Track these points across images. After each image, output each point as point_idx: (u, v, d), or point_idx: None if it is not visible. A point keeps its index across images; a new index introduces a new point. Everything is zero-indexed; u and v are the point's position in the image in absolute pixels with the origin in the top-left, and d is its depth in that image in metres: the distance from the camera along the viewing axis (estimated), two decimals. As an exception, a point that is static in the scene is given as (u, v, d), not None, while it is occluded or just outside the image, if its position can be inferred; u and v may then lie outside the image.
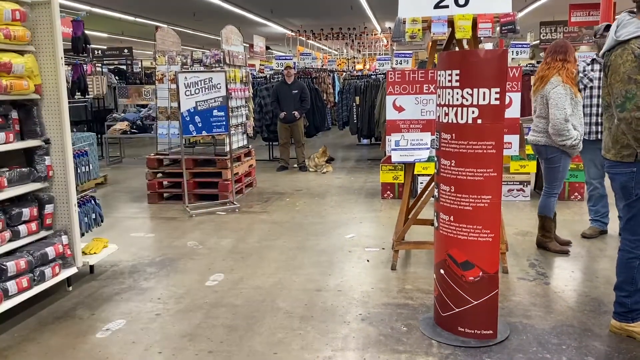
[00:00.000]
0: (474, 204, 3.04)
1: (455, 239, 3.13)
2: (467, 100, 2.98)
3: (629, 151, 2.94)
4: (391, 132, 4.36)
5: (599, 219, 5.12)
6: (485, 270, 3.08)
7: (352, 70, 18.40)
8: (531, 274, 4.19)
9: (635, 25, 2.84)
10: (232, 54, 7.49)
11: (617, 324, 3.16)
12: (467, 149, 3.01)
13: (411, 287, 3.99)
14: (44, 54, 3.82)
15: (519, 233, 5.27)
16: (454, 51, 4.02)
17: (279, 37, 21.36)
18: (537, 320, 3.41)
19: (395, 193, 6.94)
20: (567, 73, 4.31)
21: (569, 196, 6.55)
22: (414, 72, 4.33)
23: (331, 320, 3.48)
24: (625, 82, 2.82)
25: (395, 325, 3.38)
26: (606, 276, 4.12)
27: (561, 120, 4.25)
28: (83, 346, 3.22)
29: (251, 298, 3.86)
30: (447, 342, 3.13)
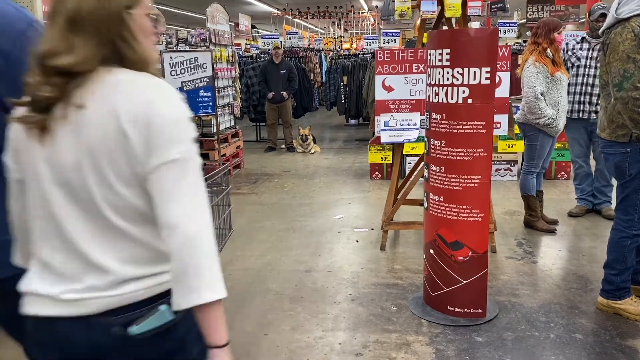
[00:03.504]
0: (464, 184, 3.04)
1: (444, 219, 3.13)
2: (457, 79, 2.96)
3: (624, 131, 2.93)
4: (380, 112, 4.33)
5: (585, 198, 5.17)
6: (474, 250, 3.09)
7: (339, 50, 18.25)
8: (519, 253, 4.23)
9: (636, 3, 2.79)
10: (218, 33, 7.37)
11: (605, 302, 3.20)
12: (457, 129, 3.00)
13: (400, 267, 4.01)
14: (24, 33, 3.71)
15: (506, 212, 5.31)
16: (444, 30, 3.98)
17: (265, 16, 21.09)
18: (525, 299, 3.44)
19: (384, 173, 6.94)
20: (540, 51, 4.32)
21: (556, 175, 6.60)
22: (403, 51, 4.29)
23: (321, 300, 3.49)
24: (624, 61, 2.80)
25: (385, 305, 3.40)
26: (592, 254, 4.17)
27: (532, 98, 4.28)
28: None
29: (241, 279, 3.85)
30: (436, 321, 3.16)
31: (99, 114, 1.13)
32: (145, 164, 1.13)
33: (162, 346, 1.23)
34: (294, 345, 2.96)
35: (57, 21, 1.13)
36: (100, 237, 1.18)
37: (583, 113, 4.84)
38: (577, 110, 4.86)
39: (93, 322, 1.18)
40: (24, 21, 1.50)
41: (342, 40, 21.60)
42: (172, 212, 1.12)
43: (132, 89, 1.15)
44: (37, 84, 1.12)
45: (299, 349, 2.92)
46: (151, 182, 1.14)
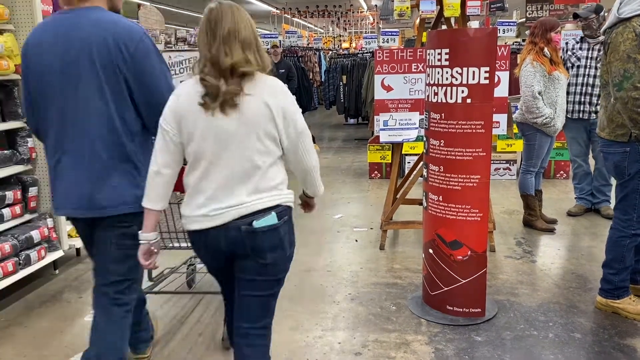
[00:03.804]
0: (463, 184, 3.04)
1: (444, 219, 3.14)
2: (456, 79, 2.96)
3: (623, 130, 2.94)
4: (379, 111, 4.33)
5: (584, 197, 5.18)
6: (473, 249, 3.10)
7: (338, 49, 18.23)
8: (518, 252, 4.24)
9: (638, 3, 2.79)
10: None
11: (603, 301, 3.21)
12: (456, 129, 3.00)
13: (400, 267, 4.01)
14: (23, 33, 3.72)
15: (505, 212, 5.31)
16: (443, 30, 3.99)
17: (264, 15, 21.07)
18: (524, 298, 3.45)
19: (383, 173, 6.95)
20: (537, 50, 4.32)
21: (555, 174, 6.61)
22: (402, 50, 4.29)
23: (321, 300, 3.49)
24: (625, 61, 2.80)
25: (385, 305, 3.40)
26: (591, 253, 4.17)
27: (529, 97, 4.29)
28: (71, 329, 3.20)
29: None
30: (435, 321, 3.16)
31: (256, 100, 1.85)
32: (284, 132, 1.90)
33: (270, 239, 1.93)
34: (293, 345, 2.96)
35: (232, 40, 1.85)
36: (243, 175, 1.88)
37: (583, 113, 4.84)
38: (577, 111, 4.86)
39: (229, 226, 1.90)
40: (140, 31, 2.11)
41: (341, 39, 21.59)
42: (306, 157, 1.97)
43: (273, 85, 1.91)
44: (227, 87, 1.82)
45: (298, 349, 2.92)
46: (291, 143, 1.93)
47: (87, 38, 2.03)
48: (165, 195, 1.98)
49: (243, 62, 1.84)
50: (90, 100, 2.06)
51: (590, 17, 4.70)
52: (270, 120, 1.88)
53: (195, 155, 1.90)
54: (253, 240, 1.91)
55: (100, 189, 2.09)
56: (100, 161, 2.08)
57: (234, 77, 1.84)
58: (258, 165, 1.89)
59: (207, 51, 1.86)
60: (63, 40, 2.05)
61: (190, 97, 1.88)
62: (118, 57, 2.03)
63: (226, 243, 1.93)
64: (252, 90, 1.85)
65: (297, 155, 1.96)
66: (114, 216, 2.12)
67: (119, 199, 2.11)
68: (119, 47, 2.03)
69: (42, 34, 2.11)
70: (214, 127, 1.86)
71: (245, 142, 1.87)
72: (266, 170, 1.92)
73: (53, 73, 2.07)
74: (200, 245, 1.99)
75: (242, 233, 1.90)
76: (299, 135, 1.93)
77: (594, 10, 4.70)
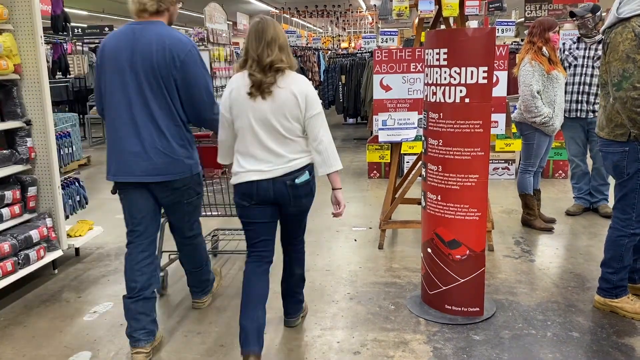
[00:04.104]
0: (461, 183, 3.05)
1: (442, 218, 3.14)
2: (454, 79, 2.97)
3: (622, 130, 2.95)
4: (378, 111, 4.34)
5: (583, 196, 5.19)
6: (472, 248, 3.10)
7: (337, 49, 18.24)
8: (516, 252, 4.24)
9: (637, 3, 2.79)
10: (216, 32, 7.37)
11: (601, 300, 3.22)
12: (454, 129, 3.01)
13: (398, 266, 4.02)
14: (22, 33, 3.72)
15: (504, 211, 5.32)
16: (441, 29, 3.99)
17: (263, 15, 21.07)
18: (522, 297, 3.46)
19: (382, 172, 6.96)
20: (535, 50, 4.33)
21: (553, 174, 6.62)
22: (400, 50, 4.30)
23: (319, 299, 3.50)
24: (624, 61, 2.80)
25: (383, 304, 3.41)
26: (590, 253, 4.18)
27: (528, 96, 4.30)
28: (70, 329, 3.20)
29: (240, 279, 3.85)
30: (434, 320, 3.17)
31: (285, 91, 2.54)
32: (306, 114, 2.57)
33: (305, 190, 2.67)
34: (292, 344, 2.96)
35: (272, 46, 2.52)
36: (279, 143, 2.58)
37: (581, 112, 4.85)
38: (574, 110, 4.87)
39: (276, 180, 2.59)
40: (189, 44, 2.74)
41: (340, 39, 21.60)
42: (320, 134, 2.61)
43: (299, 80, 2.60)
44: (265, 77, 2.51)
45: (297, 348, 2.93)
46: (310, 121, 2.59)
47: (150, 46, 2.66)
48: (230, 155, 2.77)
49: (278, 61, 2.52)
50: (154, 94, 2.69)
51: (586, 16, 4.71)
52: (296, 106, 2.56)
53: (242, 129, 2.61)
54: (295, 191, 2.64)
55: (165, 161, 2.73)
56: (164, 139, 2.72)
57: (271, 72, 2.52)
58: (287, 137, 2.59)
59: (254, 52, 2.53)
60: (132, 45, 2.68)
61: (239, 89, 2.59)
62: (171, 62, 2.66)
63: (273, 192, 2.62)
64: (283, 83, 2.54)
65: (314, 130, 2.61)
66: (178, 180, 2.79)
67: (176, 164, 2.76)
68: (173, 55, 2.66)
69: (116, 39, 2.74)
70: (255, 109, 2.56)
71: (275, 120, 2.56)
72: (295, 139, 2.61)
73: (122, 70, 2.68)
74: (251, 192, 2.63)
75: (287, 186, 2.61)
76: (317, 115, 2.61)
77: (590, 10, 4.71)
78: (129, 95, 2.68)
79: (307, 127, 2.61)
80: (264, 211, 2.68)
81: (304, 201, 2.71)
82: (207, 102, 2.76)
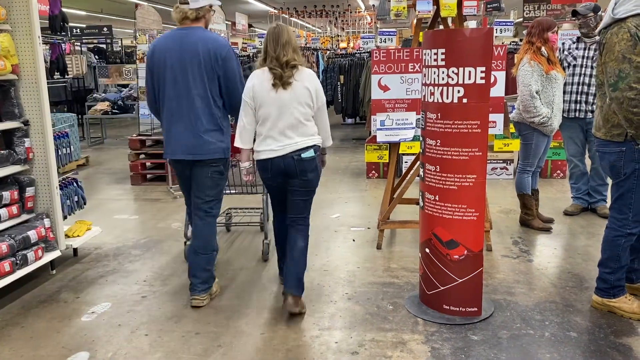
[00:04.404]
0: (459, 184, 3.05)
1: (440, 218, 3.14)
2: (452, 79, 2.97)
3: (619, 130, 2.95)
4: (376, 111, 4.34)
5: (581, 197, 5.19)
6: (470, 248, 3.11)
7: (336, 49, 18.24)
8: (514, 252, 4.25)
9: (633, 3, 2.80)
10: (214, 32, 7.36)
11: (599, 300, 3.22)
12: (452, 129, 3.01)
13: (396, 266, 4.02)
14: (20, 33, 3.72)
15: (502, 211, 5.33)
16: (439, 30, 3.99)
17: (262, 15, 21.06)
18: (520, 297, 3.46)
19: (380, 172, 6.96)
20: (534, 50, 4.34)
21: (552, 174, 6.63)
22: (399, 51, 4.30)
23: (317, 299, 3.50)
24: (620, 61, 2.80)
25: (381, 304, 3.41)
26: (588, 253, 4.19)
27: (527, 96, 4.30)
28: (68, 330, 3.20)
29: (238, 278, 3.86)
30: (432, 320, 3.17)
31: (301, 84, 3.13)
32: (316, 104, 3.20)
33: (310, 164, 3.19)
34: (290, 344, 2.96)
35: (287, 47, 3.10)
36: (293, 127, 3.14)
37: (579, 112, 4.85)
38: (573, 110, 4.88)
39: (286, 156, 3.14)
40: (227, 45, 3.35)
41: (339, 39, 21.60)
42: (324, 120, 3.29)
43: (311, 76, 3.19)
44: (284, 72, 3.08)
45: (295, 348, 2.93)
46: (319, 110, 3.24)
47: (196, 47, 3.24)
48: (250, 140, 3.27)
49: (292, 59, 3.13)
50: (196, 87, 3.26)
51: (588, 15, 4.71)
52: (309, 97, 3.18)
53: (264, 116, 3.17)
54: (301, 165, 3.18)
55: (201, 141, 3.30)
56: (200, 124, 3.29)
57: (288, 68, 3.12)
58: (300, 121, 3.17)
59: (272, 52, 3.13)
60: (179, 47, 3.27)
61: (261, 82, 3.16)
62: (214, 60, 3.26)
63: (284, 166, 3.18)
64: (298, 77, 3.16)
65: (321, 117, 3.30)
66: (209, 159, 3.34)
67: (212, 144, 3.32)
68: (216, 54, 3.26)
69: (165, 42, 3.34)
70: (277, 98, 3.14)
71: (293, 107, 3.14)
72: (306, 124, 3.19)
73: (171, 68, 3.28)
74: (267, 167, 3.23)
75: (294, 161, 3.16)
76: (323, 105, 3.29)
77: (592, 9, 4.72)
78: (178, 89, 3.28)
79: (315, 113, 3.25)
80: (278, 181, 3.29)
81: (310, 175, 3.23)
82: (240, 90, 3.31)
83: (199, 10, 3.31)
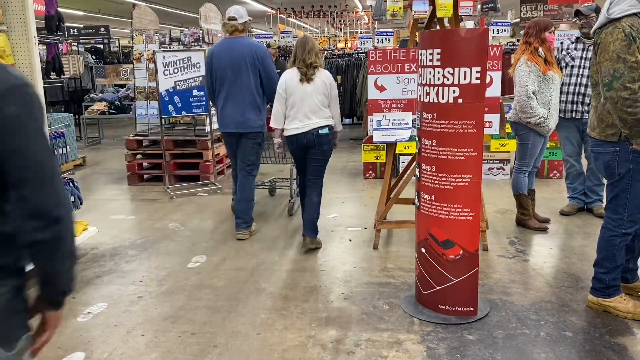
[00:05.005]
0: (455, 184, 3.06)
1: (436, 218, 3.15)
2: (448, 79, 2.97)
3: (613, 130, 2.96)
4: (373, 111, 4.35)
5: (577, 196, 5.20)
6: (465, 248, 3.11)
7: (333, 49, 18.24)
8: (510, 252, 4.26)
9: (627, 3, 2.81)
10: (211, 32, 7.37)
11: (595, 299, 3.23)
12: (448, 129, 3.02)
13: (393, 266, 4.02)
14: (16, 33, 3.71)
15: (498, 211, 5.34)
16: (435, 30, 4.00)
17: (259, 15, 21.05)
18: (516, 297, 3.47)
19: (377, 172, 6.96)
20: (531, 50, 4.34)
21: (548, 174, 6.64)
22: (395, 51, 4.31)
23: (314, 299, 3.50)
24: (614, 61, 2.81)
25: (378, 304, 3.42)
26: (583, 253, 4.20)
27: (523, 96, 4.31)
28: (64, 330, 3.19)
29: (234, 279, 3.86)
30: (428, 320, 3.18)
31: (319, 79, 4.21)
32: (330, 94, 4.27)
33: (325, 139, 4.25)
34: (286, 345, 2.97)
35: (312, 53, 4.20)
36: (313, 111, 4.20)
37: (576, 113, 4.86)
38: (570, 110, 4.88)
39: (308, 133, 4.20)
40: (263, 47, 4.77)
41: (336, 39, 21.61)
42: (336, 109, 4.34)
43: (327, 74, 4.29)
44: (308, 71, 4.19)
45: (291, 348, 2.93)
46: (332, 100, 4.28)
47: (243, 51, 4.53)
48: (282, 122, 4.29)
49: (314, 62, 4.18)
50: (244, 81, 4.54)
51: (590, 15, 4.73)
52: (325, 89, 4.20)
53: (292, 103, 4.21)
54: (318, 139, 4.21)
55: (246, 119, 4.57)
56: (246, 107, 4.57)
57: (311, 68, 4.17)
58: (319, 107, 4.19)
59: (300, 56, 4.19)
60: (230, 51, 4.57)
61: (292, 78, 4.22)
62: (256, 59, 4.54)
63: (306, 140, 4.21)
64: (318, 75, 4.20)
65: (335, 106, 4.30)
66: (251, 132, 4.61)
67: (254, 122, 4.59)
68: (258, 55, 4.55)
69: (221, 47, 4.67)
70: (302, 90, 4.18)
71: (314, 96, 4.18)
72: (323, 109, 4.22)
73: (226, 67, 4.56)
74: (294, 141, 4.26)
75: (314, 136, 4.19)
76: (335, 96, 4.30)
77: (594, 10, 4.74)
78: (230, 81, 4.56)
79: (330, 102, 4.25)
80: (301, 152, 4.34)
81: (325, 147, 4.26)
82: (275, 79, 4.46)
83: (243, 24, 4.65)
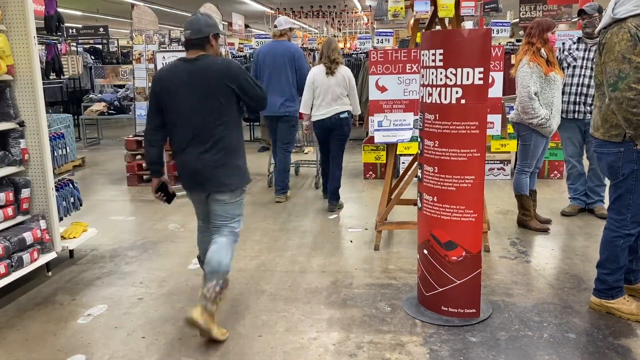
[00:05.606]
0: (457, 185, 3.04)
1: (438, 220, 3.13)
2: (450, 80, 2.96)
3: (618, 131, 2.94)
4: (374, 112, 4.33)
5: (578, 197, 5.19)
6: (468, 250, 3.10)
7: (332, 49, 18.19)
8: (512, 253, 4.24)
9: (633, 3, 2.79)
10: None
11: (597, 301, 3.22)
12: (450, 130, 3.00)
13: (394, 267, 4.01)
14: (15, 34, 3.69)
15: (500, 212, 5.32)
16: (437, 30, 3.99)
17: (258, 15, 21.03)
18: (518, 298, 3.45)
19: (378, 173, 6.95)
20: (534, 51, 4.33)
21: (549, 174, 6.63)
22: (396, 51, 4.29)
23: (315, 301, 3.48)
24: (619, 62, 2.79)
25: (379, 306, 3.40)
26: (585, 253, 4.18)
27: (525, 97, 4.30)
28: (64, 332, 3.18)
29: (235, 281, 3.84)
30: (430, 322, 3.16)
31: (340, 73, 5.35)
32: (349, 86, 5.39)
33: (345, 121, 5.42)
34: (288, 347, 2.95)
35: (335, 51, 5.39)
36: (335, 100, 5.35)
37: (578, 114, 4.85)
38: (572, 111, 4.87)
39: (331, 117, 5.37)
40: (299, 49, 6.01)
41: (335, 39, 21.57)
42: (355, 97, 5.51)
43: (347, 69, 5.45)
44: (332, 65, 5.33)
45: (293, 350, 2.91)
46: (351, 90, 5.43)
47: (283, 52, 5.73)
48: (309, 108, 5.40)
49: (337, 58, 5.28)
50: (284, 74, 5.70)
51: (594, 14, 4.72)
52: (345, 81, 5.27)
53: (319, 92, 5.29)
54: (339, 122, 5.31)
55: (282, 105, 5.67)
56: (285, 94, 5.69)
57: (334, 64, 5.25)
58: (339, 96, 5.26)
59: (326, 53, 5.28)
60: (273, 52, 5.78)
61: (319, 72, 5.31)
62: (292, 59, 5.71)
63: (330, 123, 5.32)
64: (339, 70, 5.27)
65: (354, 96, 5.39)
66: (286, 115, 5.72)
67: (290, 108, 5.71)
68: (295, 56, 5.74)
69: (265, 49, 5.89)
70: (327, 82, 5.25)
71: (336, 88, 5.24)
72: (343, 98, 5.29)
73: (269, 65, 5.74)
74: (320, 125, 5.36)
75: (336, 120, 5.29)
76: (353, 87, 5.34)
77: (597, 9, 4.73)
78: (273, 76, 5.69)
79: (349, 92, 5.33)
80: (325, 133, 5.44)
81: (345, 129, 5.37)
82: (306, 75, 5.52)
83: (281, 31, 5.88)
